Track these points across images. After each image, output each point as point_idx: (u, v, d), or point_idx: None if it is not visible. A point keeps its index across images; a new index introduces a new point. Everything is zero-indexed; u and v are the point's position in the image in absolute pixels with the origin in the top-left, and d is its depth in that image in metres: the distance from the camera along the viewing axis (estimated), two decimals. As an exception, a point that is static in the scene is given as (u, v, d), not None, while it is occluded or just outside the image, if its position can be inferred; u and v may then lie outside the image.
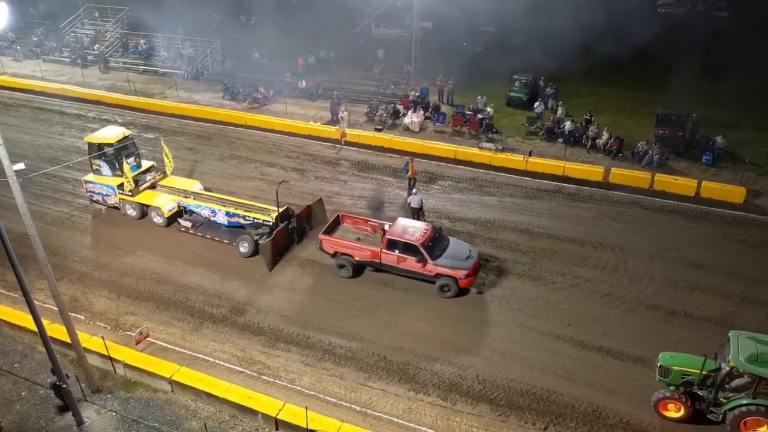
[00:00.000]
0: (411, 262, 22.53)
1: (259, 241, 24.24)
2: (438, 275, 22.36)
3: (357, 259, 23.37)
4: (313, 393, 19.03)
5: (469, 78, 39.72)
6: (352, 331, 21.28)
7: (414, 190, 27.25)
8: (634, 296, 22.49)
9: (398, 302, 22.57)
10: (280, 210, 24.49)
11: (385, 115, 36.20)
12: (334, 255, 23.73)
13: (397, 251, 22.66)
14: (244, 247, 24.69)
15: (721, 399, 16.91)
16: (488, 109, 35.09)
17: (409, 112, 35.66)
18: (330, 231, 24.18)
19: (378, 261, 23.16)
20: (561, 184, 29.77)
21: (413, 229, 23.03)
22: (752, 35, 45.46)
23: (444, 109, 36.88)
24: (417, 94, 37.97)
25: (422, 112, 35.89)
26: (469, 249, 23.29)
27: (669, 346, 18.92)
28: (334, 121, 36.33)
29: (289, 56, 44.71)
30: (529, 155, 31.33)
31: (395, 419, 18.04)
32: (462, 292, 22.55)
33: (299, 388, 19.24)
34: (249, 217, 25.01)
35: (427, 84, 39.76)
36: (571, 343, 20.55)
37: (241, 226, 25.36)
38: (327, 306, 22.56)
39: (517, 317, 21.72)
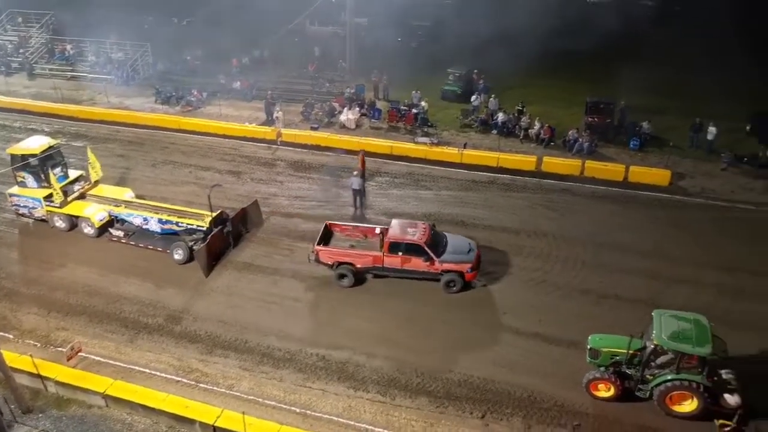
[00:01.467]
0: (416, 262, 22.38)
1: (194, 247, 23.87)
2: (443, 272, 22.34)
3: (359, 266, 22.96)
4: (252, 397, 18.84)
5: (406, 73, 39.93)
6: (291, 333, 21.18)
7: (355, 173, 27.29)
8: (567, 282, 23.04)
9: (337, 301, 22.57)
10: (214, 214, 24.15)
11: (320, 113, 36.06)
12: (332, 266, 23.08)
13: (400, 253, 22.42)
14: (178, 254, 24.25)
15: (648, 376, 17.51)
16: (423, 103, 35.34)
17: (345, 109, 35.61)
18: (323, 241, 23.53)
19: (380, 265, 22.85)
20: (495, 175, 30.25)
21: (412, 229, 22.85)
22: (676, 23, 47.28)
23: (380, 105, 36.99)
24: (352, 91, 37.97)
25: (358, 109, 35.91)
26: (468, 242, 23.35)
27: (601, 328, 19.34)
28: (269, 121, 36.00)
29: (223, 57, 44.12)
30: (464, 148, 31.72)
31: (335, 418, 18.04)
32: (466, 286, 22.59)
33: (238, 394, 19.03)
34: (182, 223, 24.59)
35: (363, 80, 39.80)
36: (507, 331, 20.92)
37: (175, 233, 24.90)
38: (265, 308, 22.38)
39: (454, 309, 21.98)
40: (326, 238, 23.87)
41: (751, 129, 33.30)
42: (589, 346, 18.19)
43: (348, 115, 35.22)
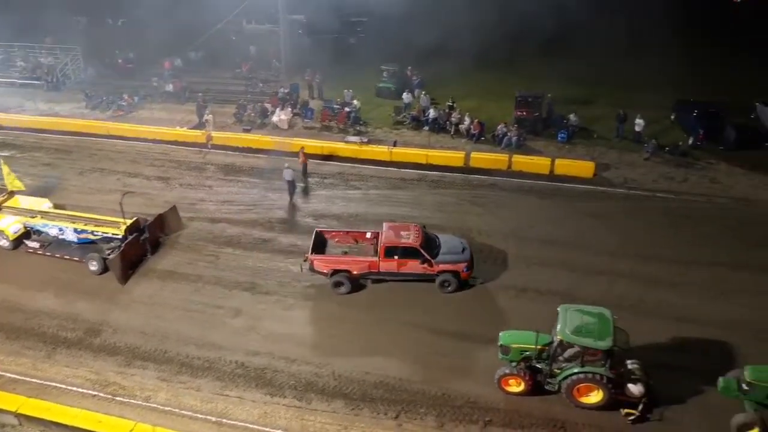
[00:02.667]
0: (412, 265, 22.30)
1: (108, 256, 23.42)
2: (439, 272, 22.32)
3: (355, 273, 22.70)
4: (168, 408, 18.66)
5: (342, 70, 39.80)
6: (211, 341, 21.00)
7: (286, 164, 26.97)
8: (489, 278, 23.26)
9: (258, 306, 22.44)
10: (129, 222, 23.78)
11: (253, 114, 35.68)
12: (327, 274, 22.66)
13: (396, 257, 22.29)
14: (93, 266, 23.77)
15: (556, 370, 17.85)
16: (355, 102, 35.28)
17: (277, 109, 35.32)
18: (317, 249, 23.09)
19: (377, 270, 22.66)
20: (425, 172, 30.37)
21: (405, 232, 22.75)
22: (609, 12, 47.96)
23: (313, 104, 36.77)
24: (286, 91, 37.64)
25: (290, 109, 35.65)
26: (460, 241, 23.37)
27: (519, 323, 19.62)
28: (200, 124, 35.46)
29: (158, 58, 43.33)
30: (394, 146, 31.78)
31: (250, 425, 17.99)
32: (462, 285, 22.60)
33: (155, 405, 18.82)
34: (98, 232, 24.16)
35: (298, 79, 39.54)
36: (428, 331, 21.02)
37: (93, 242, 24.46)
38: (186, 317, 22.14)
39: (376, 310, 22.07)
40: (318, 245, 23.41)
41: (675, 118, 34.14)
42: (499, 343, 18.44)
43: (280, 116, 34.94)
